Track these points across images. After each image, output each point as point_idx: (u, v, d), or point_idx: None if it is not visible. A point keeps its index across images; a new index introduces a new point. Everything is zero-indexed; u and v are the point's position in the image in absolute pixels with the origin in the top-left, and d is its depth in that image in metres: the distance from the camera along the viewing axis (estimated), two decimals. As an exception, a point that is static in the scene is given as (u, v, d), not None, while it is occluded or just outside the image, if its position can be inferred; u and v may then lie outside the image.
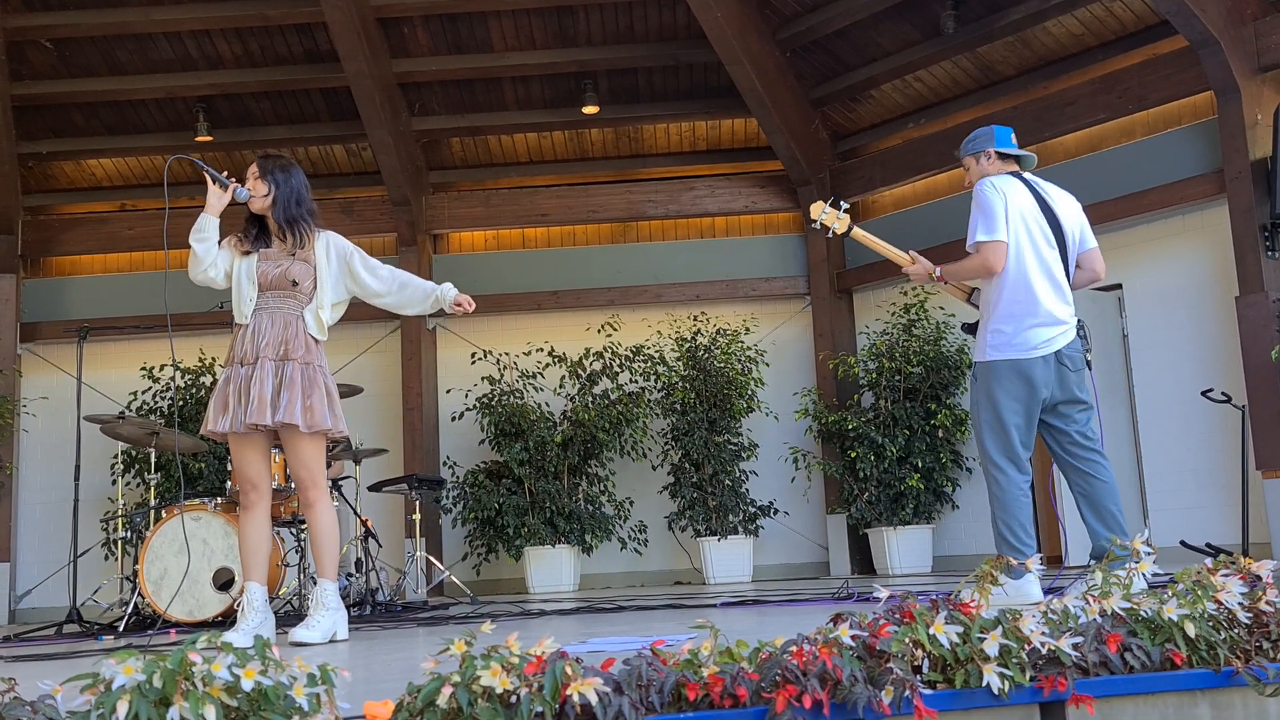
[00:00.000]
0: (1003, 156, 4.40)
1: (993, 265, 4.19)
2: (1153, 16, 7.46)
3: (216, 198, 4.26)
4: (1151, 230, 7.64)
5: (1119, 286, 7.83)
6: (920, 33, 8.50)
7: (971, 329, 4.45)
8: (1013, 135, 4.47)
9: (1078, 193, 4.62)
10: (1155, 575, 2.38)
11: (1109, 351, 7.87)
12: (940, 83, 8.81)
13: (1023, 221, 4.21)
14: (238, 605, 4.30)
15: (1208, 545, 6.23)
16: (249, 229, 4.34)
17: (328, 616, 4.12)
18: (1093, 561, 4.09)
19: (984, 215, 4.22)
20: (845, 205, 4.75)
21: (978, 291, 4.45)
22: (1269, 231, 6.77)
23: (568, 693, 1.66)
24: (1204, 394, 6.60)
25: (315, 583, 4.26)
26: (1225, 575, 2.24)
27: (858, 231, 4.70)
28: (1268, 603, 2.20)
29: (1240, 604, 2.16)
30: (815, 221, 4.72)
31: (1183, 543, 6.41)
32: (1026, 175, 4.36)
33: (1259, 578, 2.27)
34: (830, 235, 4.81)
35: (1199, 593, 2.17)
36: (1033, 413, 4.20)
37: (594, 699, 1.66)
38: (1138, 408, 7.69)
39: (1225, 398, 6.52)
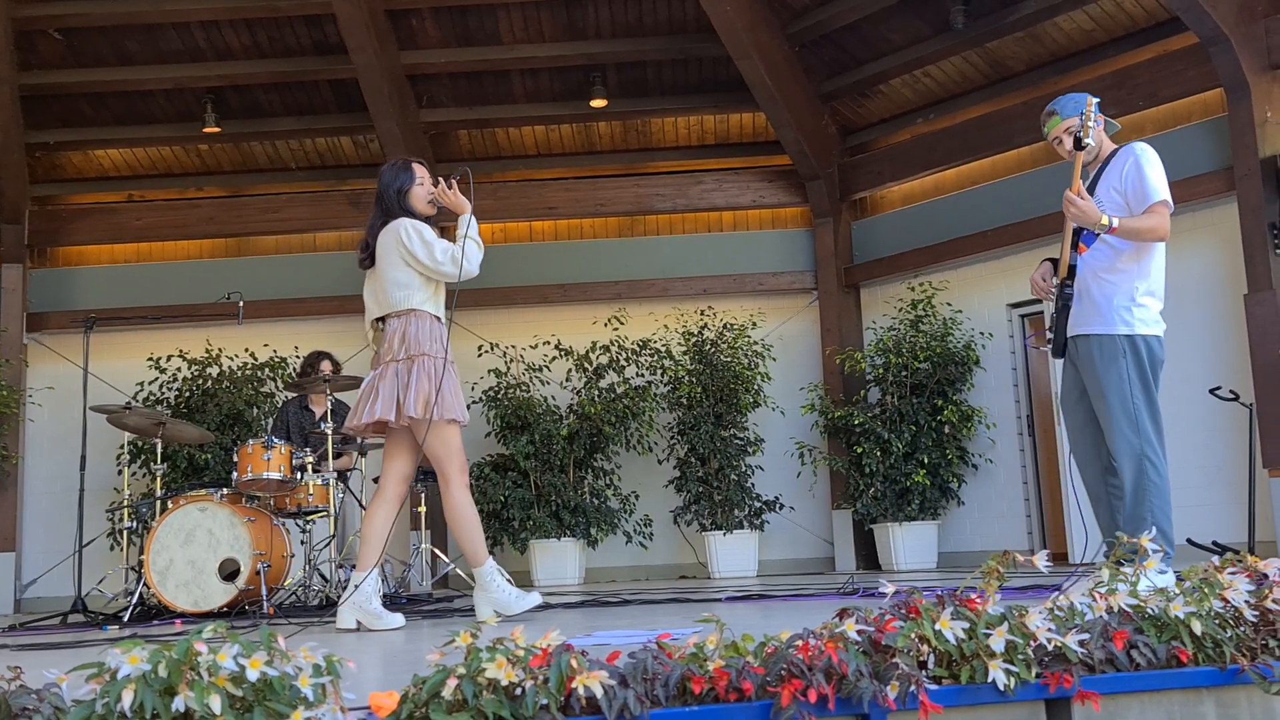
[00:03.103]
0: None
1: (1168, 230, 3.91)
2: (1163, 13, 7.43)
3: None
4: (1160, 227, 7.60)
5: (1127, 283, 7.80)
6: (930, 28, 8.47)
7: (1066, 308, 4.05)
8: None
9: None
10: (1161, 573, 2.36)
11: (1116, 349, 7.83)
12: (950, 78, 8.79)
13: None
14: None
15: (1214, 543, 6.21)
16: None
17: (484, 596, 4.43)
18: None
19: (1162, 177, 3.94)
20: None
21: (1072, 268, 4.08)
22: (1278, 230, 6.74)
23: (573, 685, 1.66)
24: (1212, 392, 6.58)
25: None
26: (1232, 573, 2.23)
27: (1079, 156, 4.11)
28: (1274, 601, 2.19)
29: (1247, 602, 2.16)
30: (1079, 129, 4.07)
31: (1190, 540, 6.39)
32: None
33: (1265, 576, 2.26)
34: (1080, 143, 4.08)
35: (1206, 590, 2.16)
36: None
37: (599, 692, 1.66)
38: (1145, 405, 7.67)
39: (1233, 396, 6.49)
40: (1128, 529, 3.90)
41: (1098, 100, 4.07)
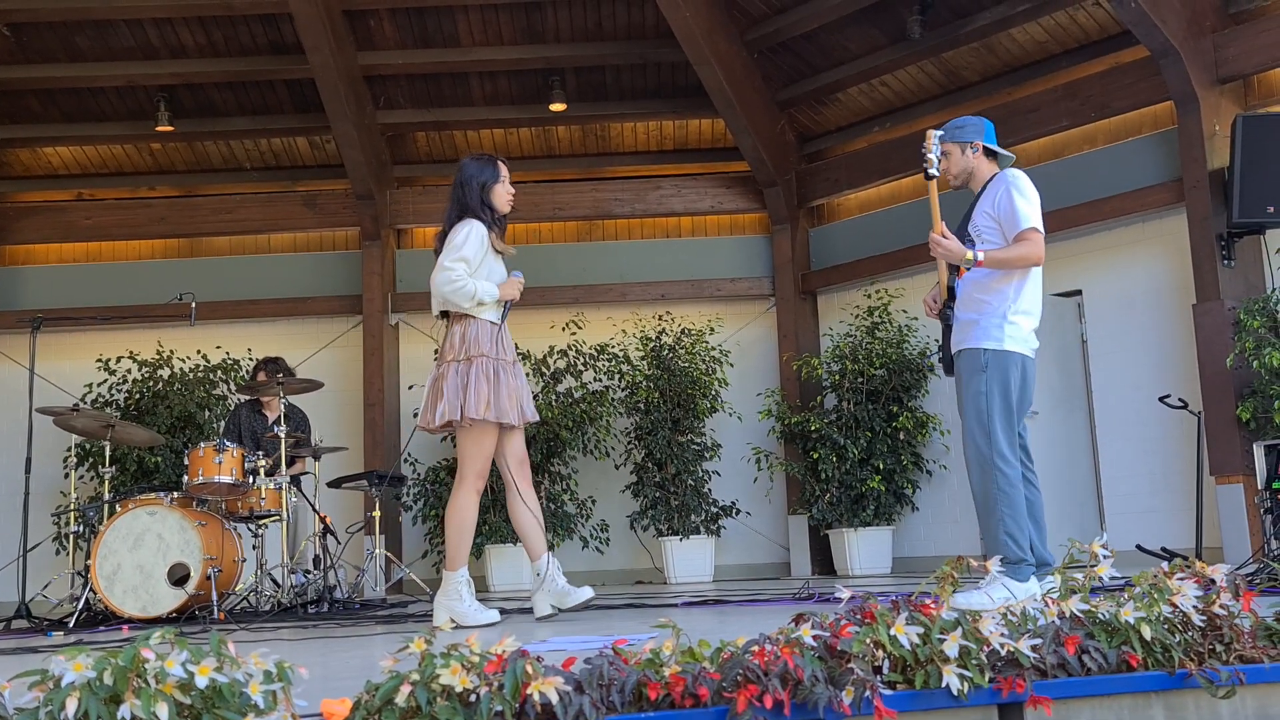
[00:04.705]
0: (989, 153, 4.28)
1: (1041, 255, 4.07)
2: (1115, 26, 7.54)
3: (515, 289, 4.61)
4: (1111, 237, 7.73)
5: (1079, 292, 7.91)
6: (887, 37, 8.54)
7: (949, 328, 4.27)
8: (995, 131, 4.42)
9: (1040, 199, 4.56)
10: (1112, 578, 2.39)
11: (1068, 357, 7.95)
12: (906, 87, 8.87)
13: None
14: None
15: (1163, 549, 6.30)
16: (501, 230, 4.62)
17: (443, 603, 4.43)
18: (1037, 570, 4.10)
19: (1032, 205, 4.09)
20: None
21: (951, 290, 4.26)
22: (1225, 240, 6.86)
23: (528, 692, 1.64)
24: (1161, 400, 6.68)
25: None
26: (1180, 579, 2.26)
27: (933, 187, 4.22)
28: (1221, 606, 2.22)
29: (1195, 607, 2.19)
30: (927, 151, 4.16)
31: (1139, 546, 6.48)
32: None
33: (1213, 581, 2.29)
34: (927, 174, 4.17)
35: (1155, 596, 2.19)
36: None
37: (555, 698, 1.65)
38: (1096, 413, 7.78)
39: (1182, 403, 6.59)
40: (983, 535, 4.08)
41: (939, 134, 4.22)
